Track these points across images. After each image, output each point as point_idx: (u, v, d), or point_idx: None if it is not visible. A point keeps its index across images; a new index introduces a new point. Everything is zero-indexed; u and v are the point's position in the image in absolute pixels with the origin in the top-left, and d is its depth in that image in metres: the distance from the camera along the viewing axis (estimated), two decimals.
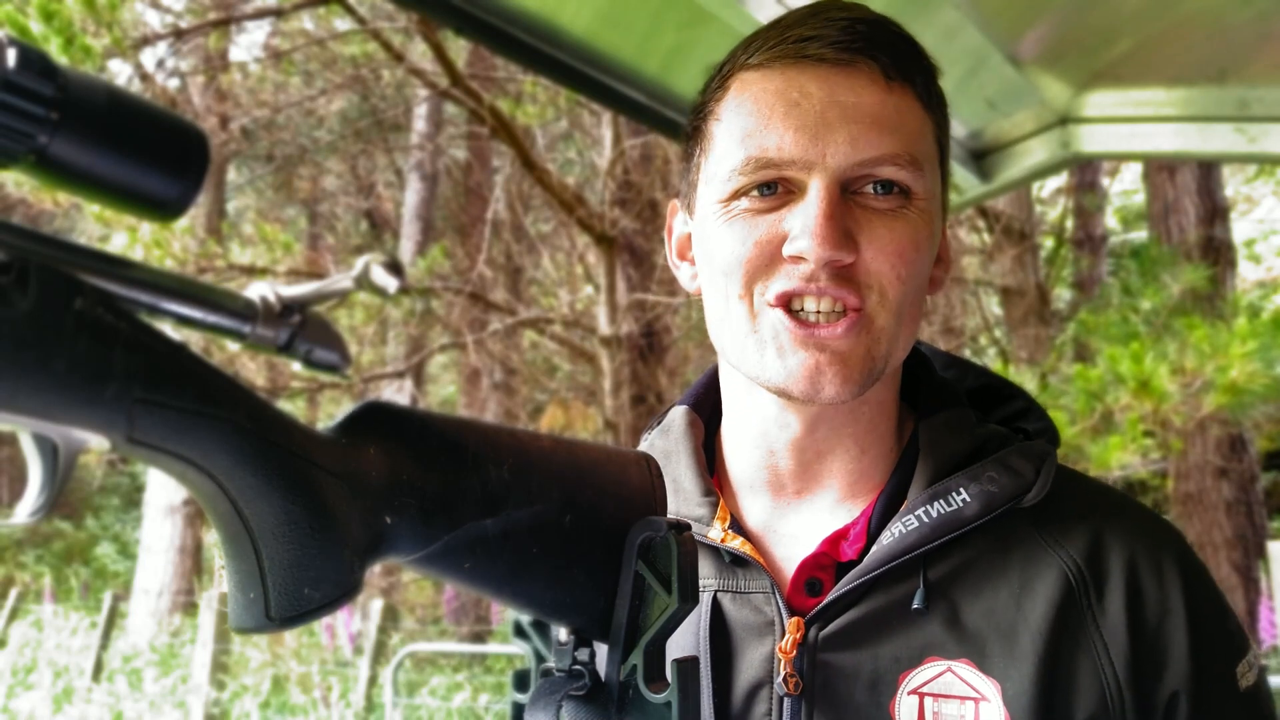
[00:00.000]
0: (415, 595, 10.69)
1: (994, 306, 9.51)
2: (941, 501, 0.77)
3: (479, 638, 9.02)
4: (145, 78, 8.52)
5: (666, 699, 0.61)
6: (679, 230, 0.90)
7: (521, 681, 0.70)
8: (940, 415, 0.84)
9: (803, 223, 0.73)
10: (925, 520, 0.76)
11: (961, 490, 0.77)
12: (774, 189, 0.76)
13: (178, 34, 8.80)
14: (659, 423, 0.97)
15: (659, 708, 0.61)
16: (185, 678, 7.26)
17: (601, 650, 0.65)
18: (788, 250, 0.74)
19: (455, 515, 0.57)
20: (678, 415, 0.93)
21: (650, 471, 0.69)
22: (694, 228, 0.85)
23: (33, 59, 0.40)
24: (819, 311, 0.75)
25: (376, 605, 7.47)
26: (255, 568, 0.50)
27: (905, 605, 0.76)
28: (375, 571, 0.65)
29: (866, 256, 0.74)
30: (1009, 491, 0.77)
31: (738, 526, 0.84)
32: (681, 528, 0.64)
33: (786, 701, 0.76)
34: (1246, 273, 11.51)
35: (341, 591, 0.52)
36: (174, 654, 8.89)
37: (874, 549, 0.77)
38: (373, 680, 6.89)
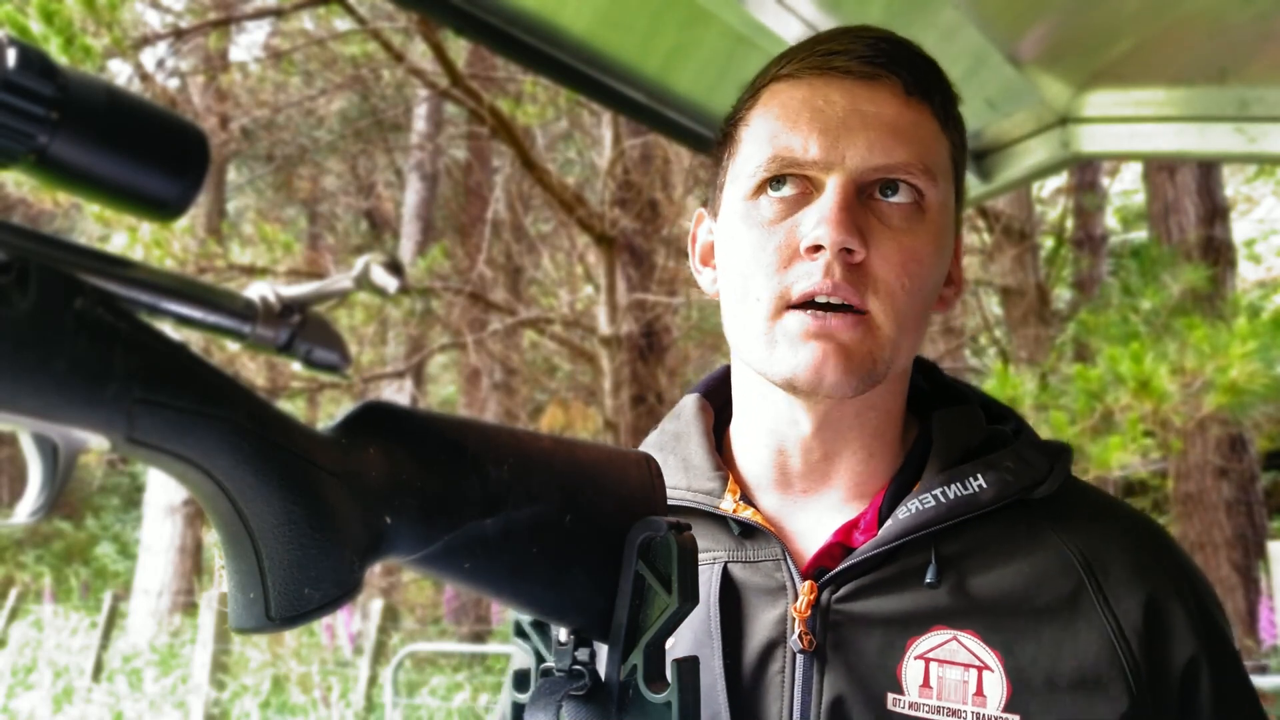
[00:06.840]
0: (415, 595, 10.69)
1: (994, 306, 9.51)
2: (958, 484, 0.81)
3: (479, 638, 9.02)
4: (145, 78, 8.50)
5: (666, 699, 0.61)
6: (703, 239, 0.95)
7: (521, 681, 0.70)
8: (954, 409, 0.88)
9: (819, 214, 0.78)
10: (941, 500, 0.80)
11: (978, 476, 0.81)
12: (794, 188, 0.81)
13: (178, 34, 8.79)
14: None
15: (659, 708, 0.61)
16: (185, 678, 7.26)
17: (601, 650, 0.66)
18: (804, 243, 0.78)
19: (455, 515, 0.57)
20: (689, 401, 0.97)
21: (650, 471, 0.69)
22: (717, 231, 0.90)
23: (33, 59, 0.40)
24: (829, 306, 0.79)
25: (376, 605, 7.47)
26: (255, 568, 0.50)
27: (916, 577, 0.80)
28: (375, 571, 0.65)
29: (874, 260, 0.79)
30: (1023, 481, 0.81)
31: (748, 500, 0.88)
32: (681, 528, 0.65)
33: (800, 658, 0.79)
34: (1246, 273, 11.49)
35: (342, 591, 0.52)
36: (174, 654, 8.89)
37: (890, 522, 0.81)
38: (373, 680, 6.89)
